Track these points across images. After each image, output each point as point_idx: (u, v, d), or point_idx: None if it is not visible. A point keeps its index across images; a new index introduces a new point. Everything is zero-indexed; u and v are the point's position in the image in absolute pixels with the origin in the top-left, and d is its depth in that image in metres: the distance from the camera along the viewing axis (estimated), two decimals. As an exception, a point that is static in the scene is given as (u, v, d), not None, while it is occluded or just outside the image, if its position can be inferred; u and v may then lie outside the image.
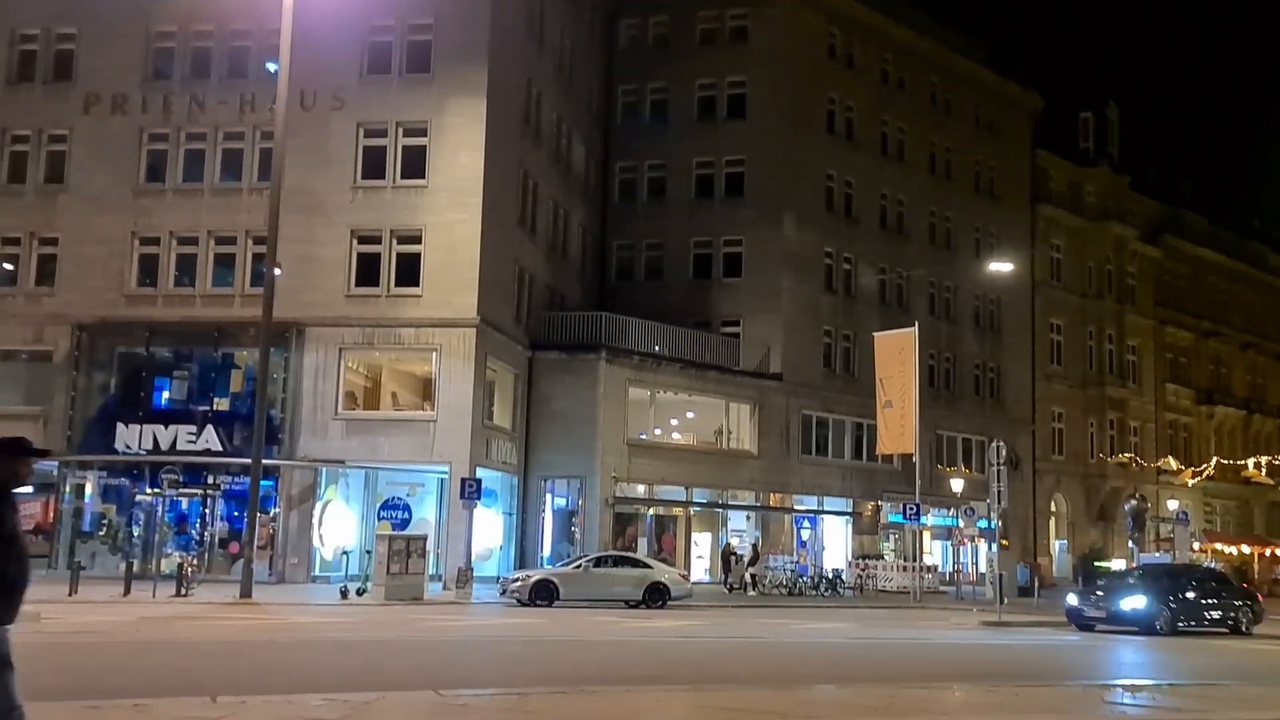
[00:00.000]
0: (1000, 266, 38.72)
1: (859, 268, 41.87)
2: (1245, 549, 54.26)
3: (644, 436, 35.38)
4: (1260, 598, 25.24)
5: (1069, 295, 50.96)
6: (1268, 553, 55.15)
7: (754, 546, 35.36)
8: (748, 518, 38.39)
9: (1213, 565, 28.32)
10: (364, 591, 23.68)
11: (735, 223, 39.15)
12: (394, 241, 29.79)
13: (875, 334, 35.86)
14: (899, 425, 33.32)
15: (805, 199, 40.10)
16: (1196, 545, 45.76)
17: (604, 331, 34.54)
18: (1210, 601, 22.89)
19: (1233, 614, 22.76)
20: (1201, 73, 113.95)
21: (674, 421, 38.12)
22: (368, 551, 25.36)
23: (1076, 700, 11.29)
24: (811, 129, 40.72)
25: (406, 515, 26.95)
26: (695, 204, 39.88)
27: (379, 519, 27.58)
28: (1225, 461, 50.97)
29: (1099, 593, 23.48)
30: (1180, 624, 21.64)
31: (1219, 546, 52.29)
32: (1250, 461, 50.53)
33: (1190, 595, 22.62)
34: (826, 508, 40.40)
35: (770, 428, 37.95)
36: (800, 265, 39.62)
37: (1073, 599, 23.53)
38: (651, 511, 36.09)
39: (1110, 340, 52.19)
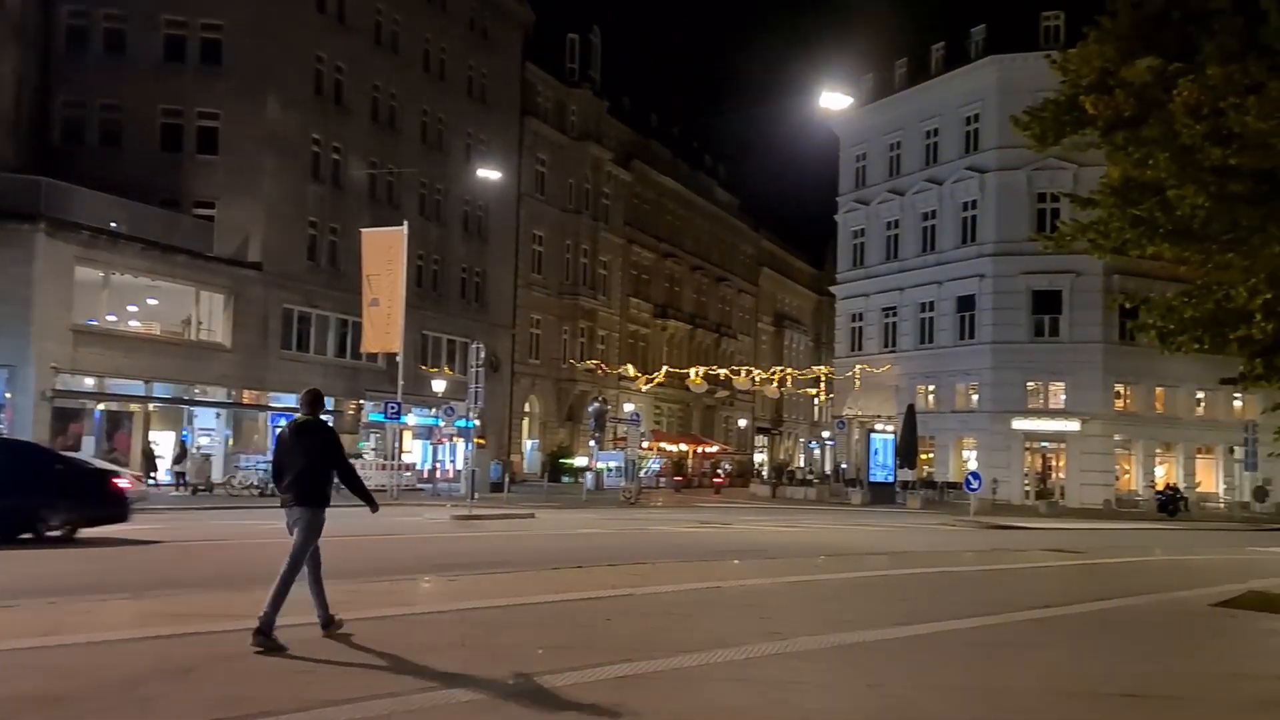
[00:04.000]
0: (488, 174, 39.15)
1: (349, 159, 40.18)
2: (684, 446, 61.98)
3: (94, 323, 31.17)
4: (122, 489, 16.46)
5: (551, 209, 53.47)
6: (700, 449, 63.45)
7: (181, 443, 33.10)
8: (218, 415, 35.74)
9: (29, 440, 20.79)
10: None
11: (212, 94, 35.44)
12: None
13: (364, 230, 34.64)
14: (385, 324, 32.77)
15: (292, 79, 37.37)
16: (646, 443, 51.22)
17: (44, 199, 29.71)
18: None
19: (29, 511, 15.30)
20: (677, 12, 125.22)
21: (133, 308, 33.99)
22: None
23: None
24: (299, 3, 37.88)
25: None
26: (165, 67, 35.41)
27: None
28: (673, 370, 57.35)
29: None
30: None
31: (664, 445, 59.14)
32: (692, 371, 57.28)
33: None
34: (305, 407, 38.81)
35: (247, 320, 35.39)
36: (285, 149, 37.00)
37: None
38: (102, 406, 32.12)
39: (585, 254, 55.83)
